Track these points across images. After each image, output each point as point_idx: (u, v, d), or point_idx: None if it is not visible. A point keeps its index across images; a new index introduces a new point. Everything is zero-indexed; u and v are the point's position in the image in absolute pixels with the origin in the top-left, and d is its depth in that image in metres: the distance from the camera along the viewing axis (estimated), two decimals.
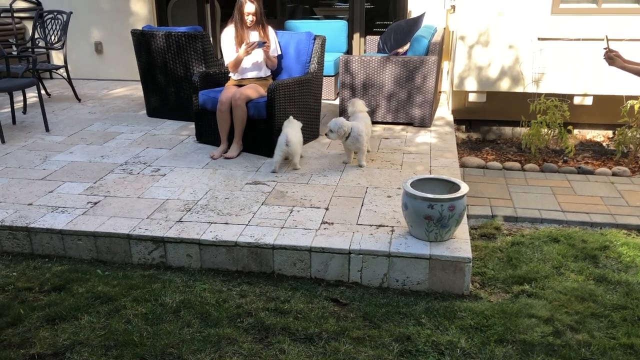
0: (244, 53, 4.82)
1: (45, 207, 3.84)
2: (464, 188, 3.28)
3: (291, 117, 4.57)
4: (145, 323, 2.85)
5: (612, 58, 3.61)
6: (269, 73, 5.14)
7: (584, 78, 5.44)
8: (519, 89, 5.64)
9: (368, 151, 4.78)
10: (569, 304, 3.01)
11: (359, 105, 4.90)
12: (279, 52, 5.18)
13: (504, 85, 5.66)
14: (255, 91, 4.81)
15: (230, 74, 5.12)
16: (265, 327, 2.81)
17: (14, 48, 7.71)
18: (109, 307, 3.00)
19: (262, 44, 4.86)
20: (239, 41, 4.90)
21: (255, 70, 5.05)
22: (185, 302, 3.02)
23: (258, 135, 4.84)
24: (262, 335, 2.76)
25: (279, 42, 5.18)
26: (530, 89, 5.59)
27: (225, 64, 5.06)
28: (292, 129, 4.48)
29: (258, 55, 5.00)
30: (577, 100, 5.63)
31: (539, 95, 5.43)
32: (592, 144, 5.90)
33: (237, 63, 4.93)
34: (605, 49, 3.65)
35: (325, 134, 4.54)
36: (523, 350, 2.64)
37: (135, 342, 2.68)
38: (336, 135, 4.46)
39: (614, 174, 4.97)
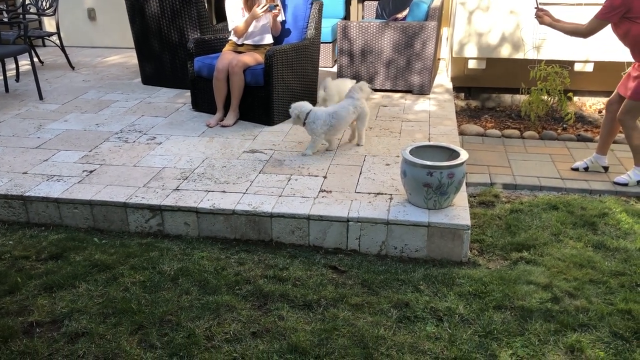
0: (251, 17, 4.71)
1: (40, 176, 3.80)
2: (464, 155, 3.24)
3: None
4: (143, 291, 2.84)
5: (541, 17, 4.03)
6: (271, 41, 5.02)
7: (585, 44, 5.35)
8: (519, 56, 5.56)
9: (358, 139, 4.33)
10: (567, 270, 3.01)
11: (360, 91, 4.19)
12: (284, 18, 5.06)
13: (505, 52, 5.57)
14: (252, 58, 4.73)
15: (230, 38, 5.01)
16: (264, 294, 2.81)
17: (5, 14, 7.56)
18: (106, 275, 2.99)
19: (274, 7, 4.75)
20: (249, 5, 4.78)
21: (254, 35, 4.92)
22: (183, 269, 3.01)
23: (255, 103, 4.77)
24: (261, 302, 2.76)
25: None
26: (531, 55, 5.50)
27: (230, 29, 4.95)
28: (334, 80, 4.91)
29: (264, 20, 4.89)
30: (578, 67, 5.55)
31: (540, 61, 5.36)
32: (592, 111, 5.85)
33: (245, 29, 4.82)
34: (535, 8, 4.07)
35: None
36: (521, 316, 2.64)
37: (134, 310, 2.68)
38: (292, 120, 4.13)
39: (613, 142, 4.93)
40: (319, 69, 5.46)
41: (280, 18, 4.96)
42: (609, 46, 5.32)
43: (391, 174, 3.79)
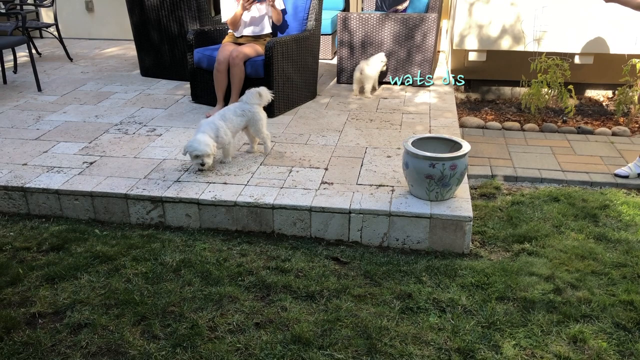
0: (241, 8, 4.69)
1: (40, 167, 3.79)
2: (466, 147, 3.24)
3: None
4: (146, 282, 2.84)
5: None
6: (269, 30, 4.98)
7: (586, 36, 5.35)
8: (519, 48, 5.55)
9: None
10: (569, 262, 3.01)
11: (258, 97, 3.92)
12: (283, 6, 5.02)
13: (505, 44, 5.56)
14: (252, 49, 4.70)
15: (230, 30, 4.98)
16: (267, 285, 2.81)
17: (2, 5, 7.49)
18: (108, 266, 2.98)
19: None
20: None
21: (253, 26, 4.89)
22: (185, 261, 3.00)
23: None
24: (264, 294, 2.76)
25: None
26: (531, 47, 5.49)
27: (223, 21, 4.92)
28: (368, 62, 5.16)
29: (258, 10, 4.85)
30: (578, 59, 5.55)
31: (540, 54, 5.35)
32: (592, 103, 5.85)
33: (236, 19, 4.79)
34: None
35: None
36: (524, 307, 2.65)
37: (136, 301, 2.67)
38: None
39: (613, 134, 4.94)
40: (319, 61, 5.44)
41: (279, 6, 4.92)
42: (609, 38, 5.31)
43: (392, 166, 3.78)
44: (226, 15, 4.85)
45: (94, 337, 2.46)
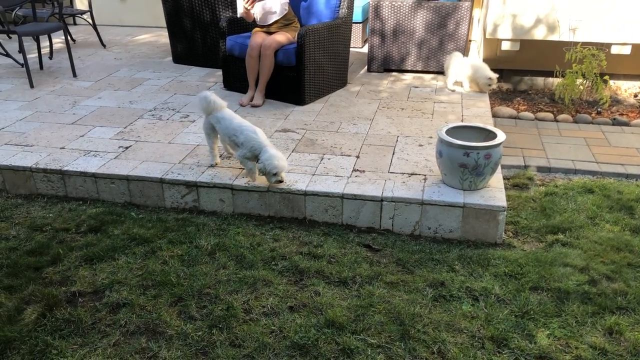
0: (244, 10, 4.68)
1: (77, 151, 3.87)
2: (501, 136, 3.22)
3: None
4: (182, 264, 2.89)
5: None
6: (287, 9, 4.85)
7: (623, 26, 5.23)
8: (554, 37, 5.45)
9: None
10: (604, 253, 2.98)
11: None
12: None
13: (539, 34, 5.47)
14: (285, 37, 4.71)
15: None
16: (300, 270, 2.84)
17: None
18: (144, 248, 3.04)
19: None
20: None
21: (271, 14, 4.83)
22: (219, 245, 3.05)
23: (287, 83, 4.77)
24: (297, 278, 2.79)
25: None
26: (566, 37, 5.39)
27: (239, 15, 4.90)
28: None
29: (266, 4, 4.82)
30: (615, 50, 5.43)
31: (575, 44, 5.25)
32: (628, 95, 5.73)
33: (248, 12, 4.78)
34: None
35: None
36: (558, 297, 2.63)
37: (173, 283, 2.73)
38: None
39: None
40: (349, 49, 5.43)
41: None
42: None
43: (424, 154, 3.77)
44: (239, 9, 4.84)
45: (132, 316, 2.53)
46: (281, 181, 3.31)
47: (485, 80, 5.06)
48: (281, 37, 4.67)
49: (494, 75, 5.09)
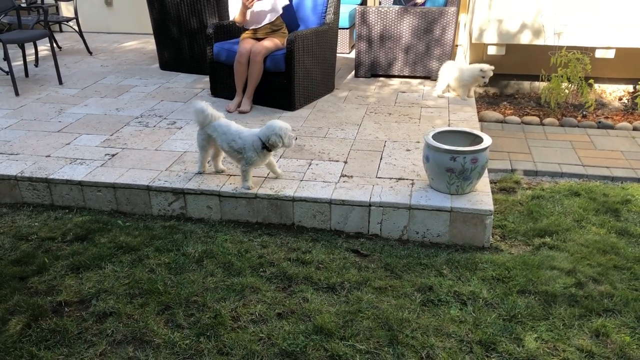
0: (243, 7, 4.69)
1: (63, 159, 3.84)
2: (487, 140, 3.23)
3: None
4: (169, 272, 2.87)
5: None
6: (280, 12, 4.87)
7: (609, 30, 5.29)
8: (539, 42, 5.50)
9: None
10: (590, 256, 3.00)
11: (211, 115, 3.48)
12: (287, 2, 4.97)
13: (525, 38, 5.51)
14: (273, 43, 4.72)
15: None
16: (288, 276, 2.83)
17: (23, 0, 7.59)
18: (131, 256, 3.02)
19: None
20: None
21: (266, 16, 4.83)
22: (207, 252, 3.03)
23: (275, 88, 4.77)
24: (285, 285, 2.78)
25: None
26: (551, 41, 5.44)
27: (231, 18, 4.90)
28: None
29: (264, 5, 4.83)
30: (599, 54, 5.49)
31: (560, 48, 5.30)
32: (613, 99, 5.79)
33: (243, 15, 4.78)
34: None
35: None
36: (545, 300, 2.65)
37: (160, 291, 2.71)
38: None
39: (634, 129, 4.89)
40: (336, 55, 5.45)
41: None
42: (631, 32, 5.25)
43: (412, 159, 3.78)
44: (233, 12, 4.84)
45: (119, 325, 2.50)
46: (296, 138, 3.41)
47: (478, 73, 5.02)
48: (269, 44, 4.68)
49: (487, 67, 5.04)
